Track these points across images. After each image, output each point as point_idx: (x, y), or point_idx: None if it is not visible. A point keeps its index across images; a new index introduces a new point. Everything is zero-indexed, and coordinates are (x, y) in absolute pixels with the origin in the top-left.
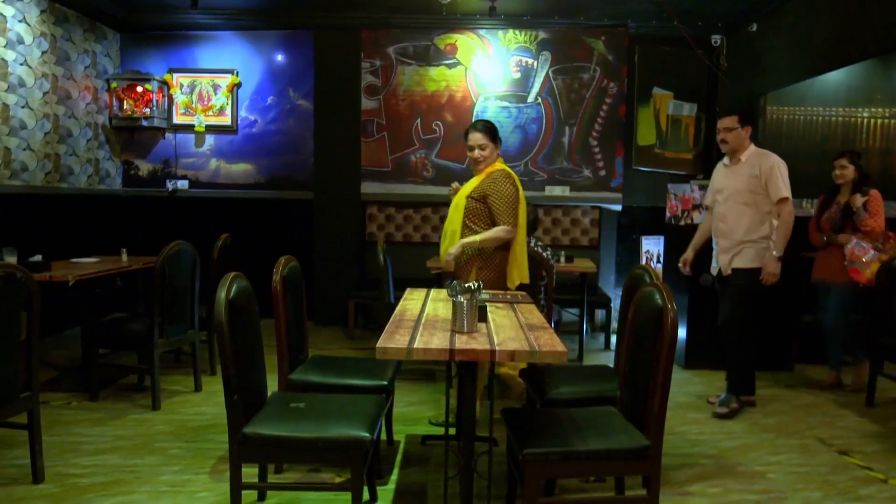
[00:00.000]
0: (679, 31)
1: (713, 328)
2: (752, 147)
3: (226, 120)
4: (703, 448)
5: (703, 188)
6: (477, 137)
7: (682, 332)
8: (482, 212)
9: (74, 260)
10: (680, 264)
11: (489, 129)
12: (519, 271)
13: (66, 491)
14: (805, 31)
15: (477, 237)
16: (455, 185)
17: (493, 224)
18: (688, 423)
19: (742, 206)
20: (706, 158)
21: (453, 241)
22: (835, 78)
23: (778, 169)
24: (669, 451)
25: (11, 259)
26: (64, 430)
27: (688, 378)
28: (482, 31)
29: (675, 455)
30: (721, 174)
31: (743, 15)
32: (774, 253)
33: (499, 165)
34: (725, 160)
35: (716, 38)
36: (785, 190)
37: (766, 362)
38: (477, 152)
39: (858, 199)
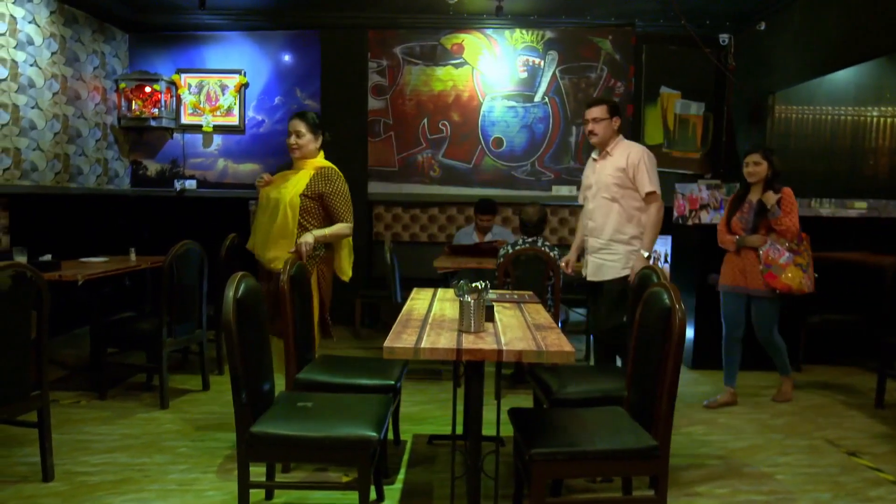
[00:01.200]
0: (686, 30)
1: (721, 328)
2: (622, 139)
3: (233, 120)
4: (711, 449)
5: (711, 188)
6: (295, 123)
7: (689, 333)
8: (316, 210)
9: (83, 259)
10: (562, 264)
11: (309, 120)
12: (350, 266)
13: (76, 489)
14: (814, 29)
15: (326, 231)
16: (266, 176)
17: (330, 222)
18: (695, 424)
19: (609, 202)
20: (714, 158)
21: (285, 237)
22: (844, 76)
23: (645, 161)
24: (677, 451)
25: (21, 258)
26: (73, 428)
27: (695, 378)
28: (489, 31)
29: (683, 455)
30: (590, 169)
31: (751, 13)
32: (643, 252)
33: (327, 163)
34: (594, 154)
35: (723, 37)
36: (652, 184)
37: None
38: (293, 139)
39: (772, 197)
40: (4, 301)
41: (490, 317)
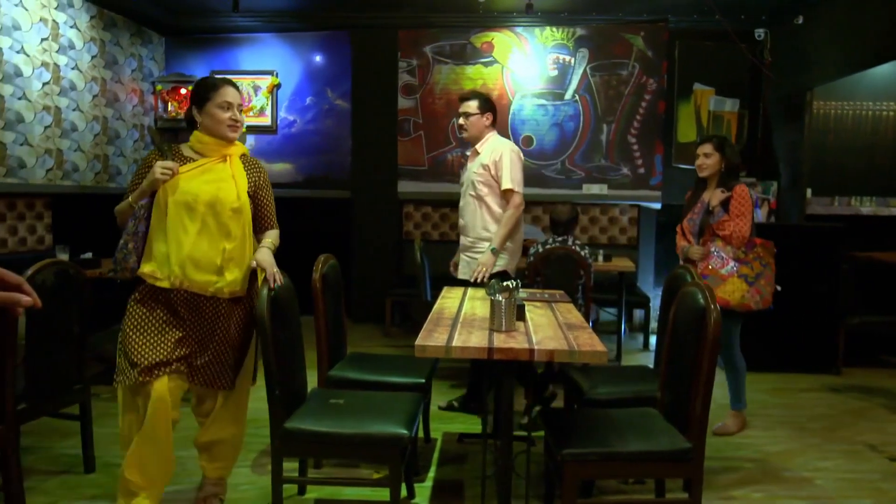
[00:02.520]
0: (721, 24)
1: (755, 329)
2: (494, 136)
3: (266, 120)
4: (747, 452)
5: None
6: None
7: None
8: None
9: None
10: (451, 268)
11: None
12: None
13: (116, 480)
14: (854, 22)
15: (270, 242)
16: (172, 165)
17: (258, 229)
18: None
19: (475, 199)
20: (749, 156)
21: (244, 254)
22: (885, 71)
23: (509, 157)
24: (711, 454)
25: (64, 256)
26: (112, 421)
27: None
28: (519, 29)
29: (717, 458)
30: (465, 167)
31: (788, 7)
32: (493, 246)
33: (244, 148)
34: (468, 151)
35: (759, 32)
36: (511, 181)
37: (810, 365)
38: (462, 120)
39: (717, 196)
40: (49, 297)
41: (521, 316)
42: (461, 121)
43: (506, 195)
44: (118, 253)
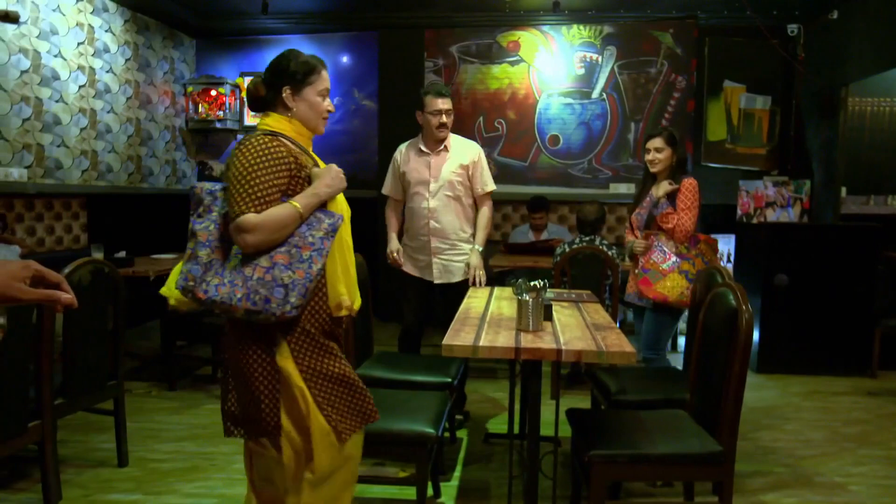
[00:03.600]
0: (752, 20)
1: (787, 331)
2: (451, 134)
3: None
4: (778, 456)
5: (778, 185)
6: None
7: (754, 335)
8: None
9: (154, 256)
10: (390, 260)
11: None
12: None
13: (149, 475)
14: (891, 16)
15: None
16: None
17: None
18: (761, 430)
19: (453, 200)
20: (781, 154)
21: None
22: None
23: (484, 158)
24: (742, 457)
25: (98, 255)
26: (145, 417)
27: (760, 382)
28: (545, 28)
29: (748, 462)
30: (417, 163)
31: (822, 2)
32: (480, 247)
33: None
34: (422, 146)
35: (792, 28)
36: (491, 181)
37: (845, 367)
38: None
39: (663, 188)
40: (85, 295)
41: (548, 316)
42: (443, 119)
43: (485, 197)
44: (275, 295)
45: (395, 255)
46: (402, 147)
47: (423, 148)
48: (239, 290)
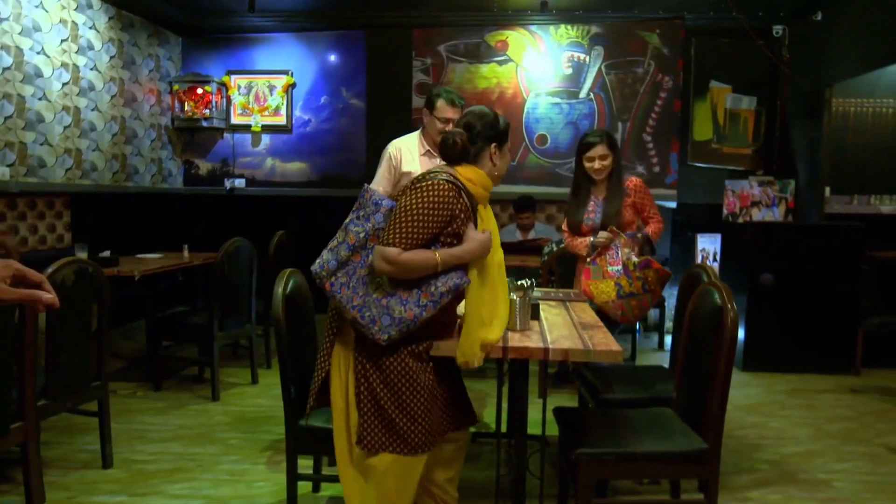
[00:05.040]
0: (738, 21)
1: (772, 329)
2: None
3: (281, 120)
4: (763, 453)
5: (763, 184)
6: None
7: (739, 334)
8: None
9: (139, 256)
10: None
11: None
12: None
13: (133, 476)
14: (875, 17)
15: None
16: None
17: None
18: (747, 427)
19: None
20: (766, 154)
21: None
22: None
23: None
24: (727, 455)
25: (82, 254)
26: (130, 418)
27: (746, 380)
28: (533, 27)
29: (734, 460)
30: (428, 164)
31: (806, 3)
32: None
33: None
34: (428, 147)
35: (777, 29)
36: None
37: (829, 365)
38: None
39: (620, 239)
40: (68, 295)
41: (535, 315)
42: (451, 128)
43: None
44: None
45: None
46: (399, 145)
47: (432, 149)
48: (357, 299)
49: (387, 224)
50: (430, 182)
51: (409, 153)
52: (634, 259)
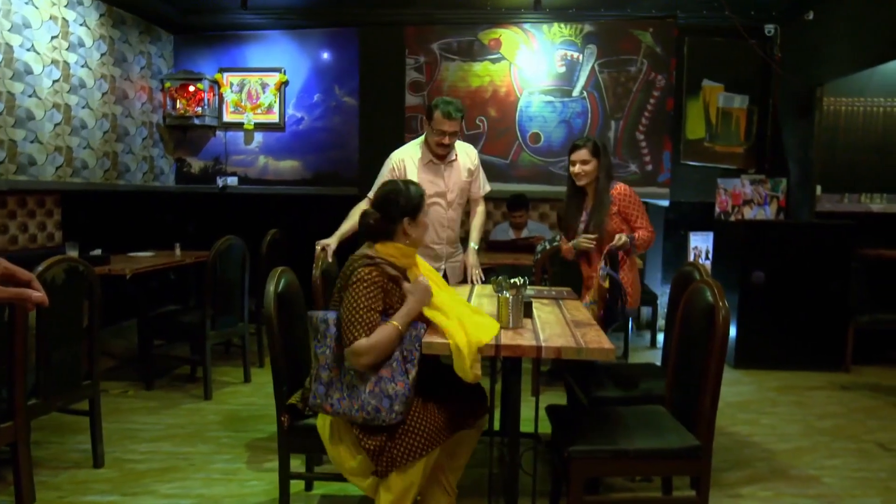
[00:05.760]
0: (730, 20)
1: (764, 327)
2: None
3: (274, 118)
4: (755, 450)
5: (755, 183)
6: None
7: (731, 331)
8: None
9: (131, 254)
10: (319, 249)
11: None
12: None
13: (125, 475)
14: (866, 17)
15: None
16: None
17: None
18: (738, 424)
19: (459, 207)
20: (758, 152)
21: None
22: None
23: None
24: (719, 452)
25: (73, 253)
26: (122, 417)
27: (737, 378)
28: (526, 26)
29: (725, 456)
30: (434, 174)
31: (798, 3)
32: (476, 245)
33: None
34: (432, 159)
35: (769, 28)
36: (487, 183)
37: (819, 363)
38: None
39: (620, 241)
40: (58, 294)
41: (528, 313)
42: (447, 140)
43: (480, 198)
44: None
45: (327, 248)
46: (401, 156)
47: (434, 159)
48: (356, 403)
49: (341, 328)
50: (356, 277)
51: (411, 163)
52: (602, 270)
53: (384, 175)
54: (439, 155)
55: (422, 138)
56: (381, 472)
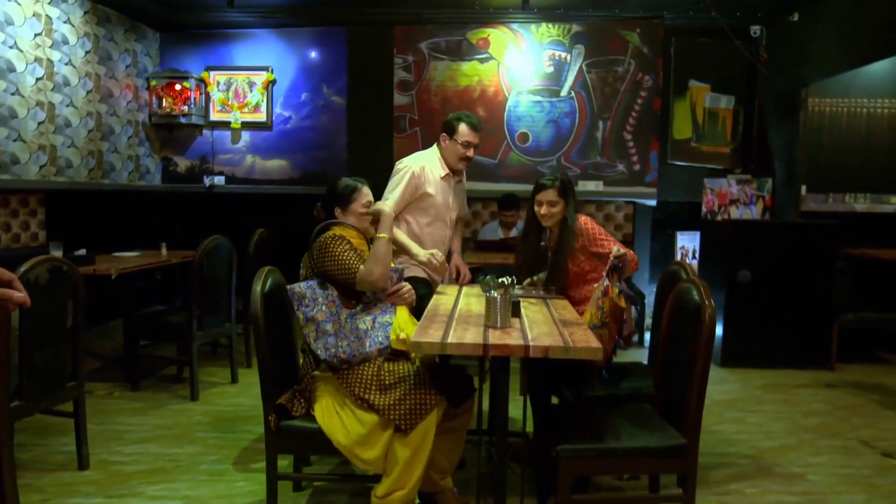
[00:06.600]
0: (717, 21)
1: (750, 325)
2: None
3: (261, 117)
4: (741, 448)
5: (742, 183)
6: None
7: (718, 330)
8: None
9: (116, 254)
10: (437, 263)
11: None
12: None
13: (111, 477)
14: (850, 19)
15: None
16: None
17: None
18: (724, 422)
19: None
20: (745, 152)
21: None
22: (880, 68)
23: None
24: (706, 450)
25: (57, 253)
26: (107, 418)
27: (724, 376)
28: (515, 25)
29: (712, 454)
30: (443, 186)
31: (783, 4)
32: (457, 251)
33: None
34: (442, 172)
35: (755, 29)
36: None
37: (804, 361)
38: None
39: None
40: (42, 294)
41: (516, 312)
42: (472, 153)
43: (461, 216)
44: None
45: (437, 256)
46: (423, 165)
47: (448, 175)
48: (366, 340)
49: (337, 277)
50: (323, 244)
51: (431, 175)
52: (603, 283)
53: (404, 183)
54: (459, 170)
55: (433, 153)
56: (406, 426)
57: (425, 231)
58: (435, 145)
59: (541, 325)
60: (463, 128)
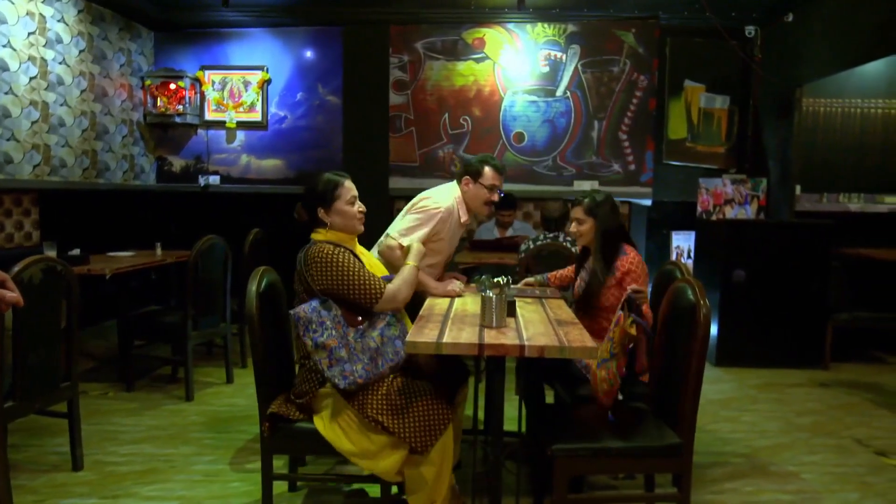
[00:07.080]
0: (712, 21)
1: (744, 325)
2: None
3: (256, 116)
4: (735, 447)
5: (736, 183)
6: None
7: (712, 329)
8: None
9: (111, 254)
10: (461, 287)
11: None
12: None
13: (105, 478)
14: (844, 19)
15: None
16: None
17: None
18: (719, 422)
19: None
20: (739, 152)
21: None
22: (874, 68)
23: None
24: (700, 449)
25: (51, 253)
26: (102, 419)
27: (718, 375)
28: (510, 25)
29: (707, 453)
30: (454, 224)
31: (778, 4)
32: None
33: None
34: (464, 217)
35: (750, 29)
36: None
37: (799, 360)
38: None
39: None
40: (36, 294)
41: (512, 312)
42: (495, 197)
43: None
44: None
45: (456, 288)
46: (450, 208)
47: (467, 217)
48: (378, 360)
49: (350, 296)
50: (326, 251)
51: (455, 217)
52: (617, 313)
53: (434, 222)
54: (482, 214)
55: (453, 193)
56: (422, 448)
57: (425, 268)
58: (454, 184)
59: (536, 324)
60: (488, 171)
